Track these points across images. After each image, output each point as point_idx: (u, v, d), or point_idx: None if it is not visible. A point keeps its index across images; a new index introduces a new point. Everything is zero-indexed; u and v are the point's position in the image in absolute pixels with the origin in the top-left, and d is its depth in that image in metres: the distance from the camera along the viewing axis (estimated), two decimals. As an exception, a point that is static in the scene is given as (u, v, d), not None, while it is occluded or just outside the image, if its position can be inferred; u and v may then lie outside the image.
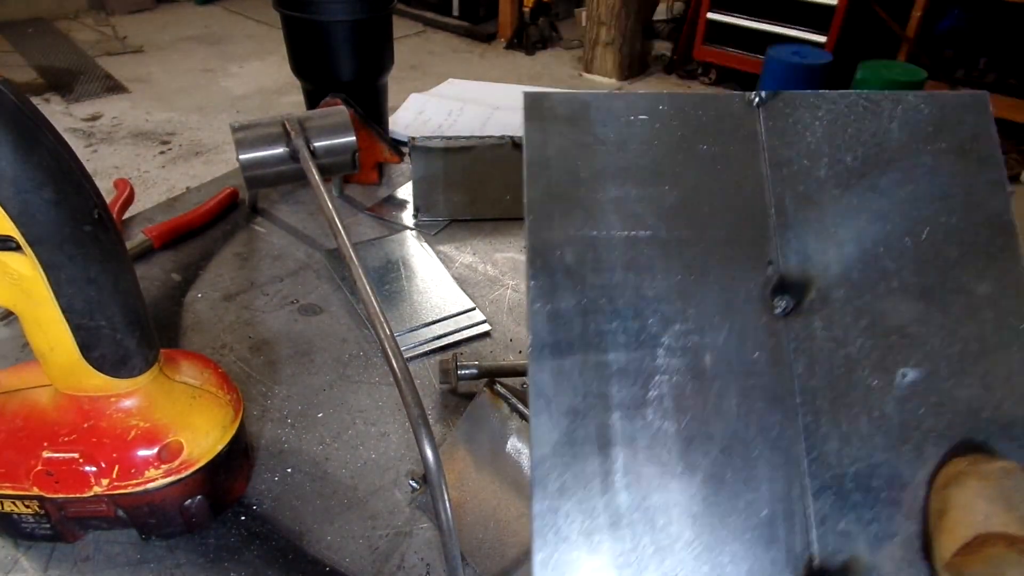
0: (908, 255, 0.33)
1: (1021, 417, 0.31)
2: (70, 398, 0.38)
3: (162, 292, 0.63)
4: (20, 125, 0.31)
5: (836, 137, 0.34)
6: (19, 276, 0.34)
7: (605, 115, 0.35)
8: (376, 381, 0.54)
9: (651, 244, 0.33)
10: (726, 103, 0.35)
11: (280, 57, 1.23)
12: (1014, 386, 0.31)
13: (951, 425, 0.31)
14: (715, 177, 0.34)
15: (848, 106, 0.35)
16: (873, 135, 0.34)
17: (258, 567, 0.40)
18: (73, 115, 2.82)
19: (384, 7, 0.77)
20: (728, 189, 0.34)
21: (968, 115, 0.35)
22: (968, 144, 0.34)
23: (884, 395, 0.31)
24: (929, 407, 0.31)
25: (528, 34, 3.64)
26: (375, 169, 0.80)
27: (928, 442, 0.31)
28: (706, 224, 0.33)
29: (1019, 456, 0.30)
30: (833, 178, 0.34)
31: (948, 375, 0.31)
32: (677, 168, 0.34)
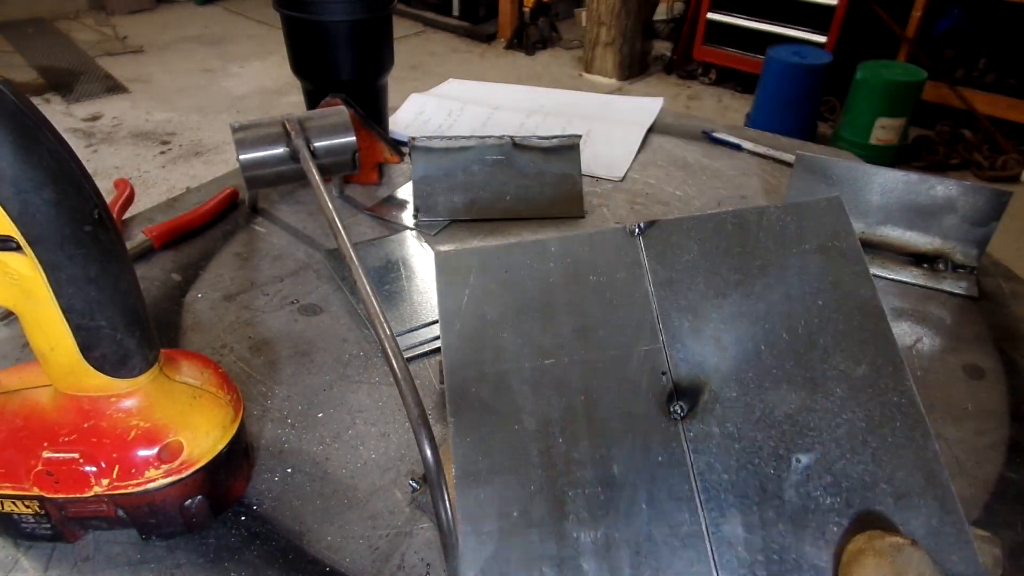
0: (788, 349, 0.36)
1: (915, 486, 0.32)
2: (70, 398, 0.38)
3: (162, 292, 0.63)
4: (20, 125, 0.31)
5: (711, 253, 0.38)
6: (19, 276, 0.34)
7: (507, 263, 0.39)
8: (376, 381, 0.54)
9: (554, 370, 0.36)
10: (610, 237, 0.39)
11: (280, 57, 1.23)
12: (903, 457, 0.33)
13: (848, 502, 0.33)
14: (606, 304, 0.38)
15: (717, 225, 0.39)
16: (743, 247, 0.38)
17: (258, 567, 0.40)
18: (73, 115, 2.82)
19: (384, 7, 0.77)
20: (619, 313, 0.37)
21: (827, 217, 0.38)
22: (830, 242, 0.37)
23: (782, 482, 0.33)
24: (825, 487, 0.33)
25: (528, 34, 3.64)
26: (375, 169, 0.80)
27: (829, 521, 0.33)
28: (603, 346, 0.37)
29: (920, 523, 0.32)
30: (712, 289, 0.37)
31: (839, 455, 0.33)
32: (571, 300, 0.38)
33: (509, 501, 0.34)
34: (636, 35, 3.31)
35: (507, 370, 0.36)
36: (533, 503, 0.34)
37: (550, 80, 3.36)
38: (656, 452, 0.34)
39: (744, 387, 0.35)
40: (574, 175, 0.76)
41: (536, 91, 1.08)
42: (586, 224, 0.75)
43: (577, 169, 0.76)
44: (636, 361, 0.36)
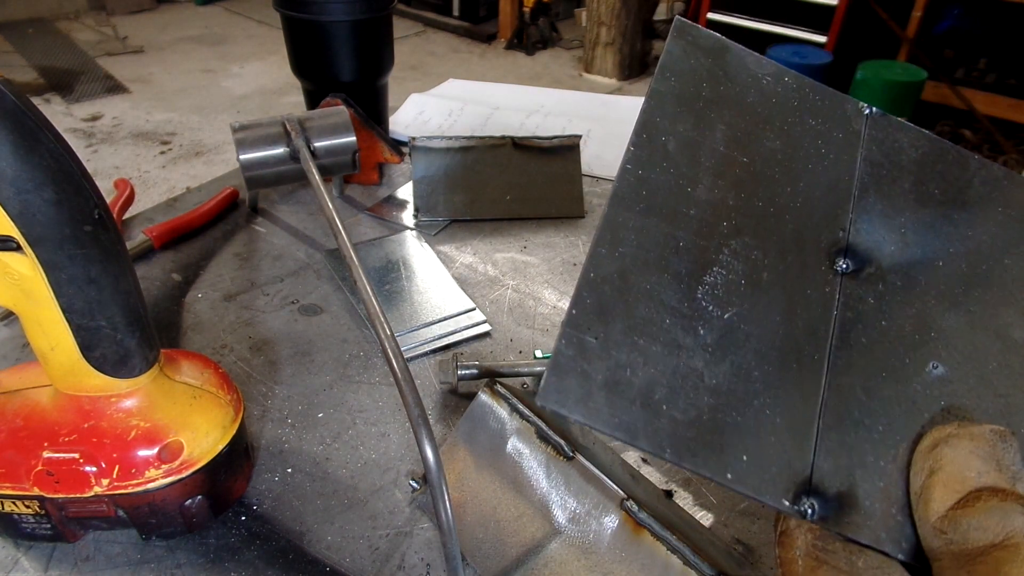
0: (963, 277, 0.36)
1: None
2: (70, 398, 0.38)
3: (162, 292, 0.63)
4: (20, 125, 0.31)
5: (925, 167, 0.38)
6: (19, 276, 0.34)
7: (739, 62, 0.39)
8: (376, 381, 0.54)
9: (743, 168, 0.37)
10: (840, 101, 0.40)
11: (280, 57, 1.23)
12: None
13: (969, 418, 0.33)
14: (815, 147, 0.38)
15: (942, 150, 0.39)
16: (957, 179, 0.38)
17: (258, 567, 0.40)
18: (73, 115, 2.82)
19: (384, 7, 0.77)
20: (823, 160, 0.38)
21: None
22: None
23: (913, 376, 0.33)
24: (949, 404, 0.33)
25: (528, 34, 3.64)
26: (375, 169, 0.80)
27: None
28: (796, 176, 0.37)
29: None
30: (914, 194, 0.38)
31: (974, 385, 0.33)
32: (785, 125, 0.38)
33: (653, 240, 0.34)
34: (636, 35, 3.31)
35: (701, 142, 0.37)
36: (676, 254, 0.34)
37: (550, 80, 3.36)
38: (808, 287, 0.34)
39: (911, 283, 0.35)
40: (574, 175, 0.76)
41: (536, 91, 1.09)
42: (586, 224, 0.75)
43: (577, 169, 0.76)
44: (823, 205, 0.37)
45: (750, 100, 0.39)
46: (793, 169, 0.37)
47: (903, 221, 0.37)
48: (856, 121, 0.39)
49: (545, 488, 0.41)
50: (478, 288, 0.64)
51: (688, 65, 0.39)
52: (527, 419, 0.42)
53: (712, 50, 0.39)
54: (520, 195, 0.74)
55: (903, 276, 0.36)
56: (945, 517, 0.28)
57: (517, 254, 0.70)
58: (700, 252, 0.34)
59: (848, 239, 0.36)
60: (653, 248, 0.34)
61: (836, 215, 0.37)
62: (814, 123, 0.39)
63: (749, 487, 0.30)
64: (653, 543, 0.37)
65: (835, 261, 0.36)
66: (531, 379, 0.53)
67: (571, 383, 0.30)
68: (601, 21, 3.22)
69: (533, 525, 0.40)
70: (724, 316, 0.33)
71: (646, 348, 0.32)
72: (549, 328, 0.60)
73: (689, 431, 0.30)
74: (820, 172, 0.38)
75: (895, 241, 0.37)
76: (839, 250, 0.36)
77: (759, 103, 0.39)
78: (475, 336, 0.59)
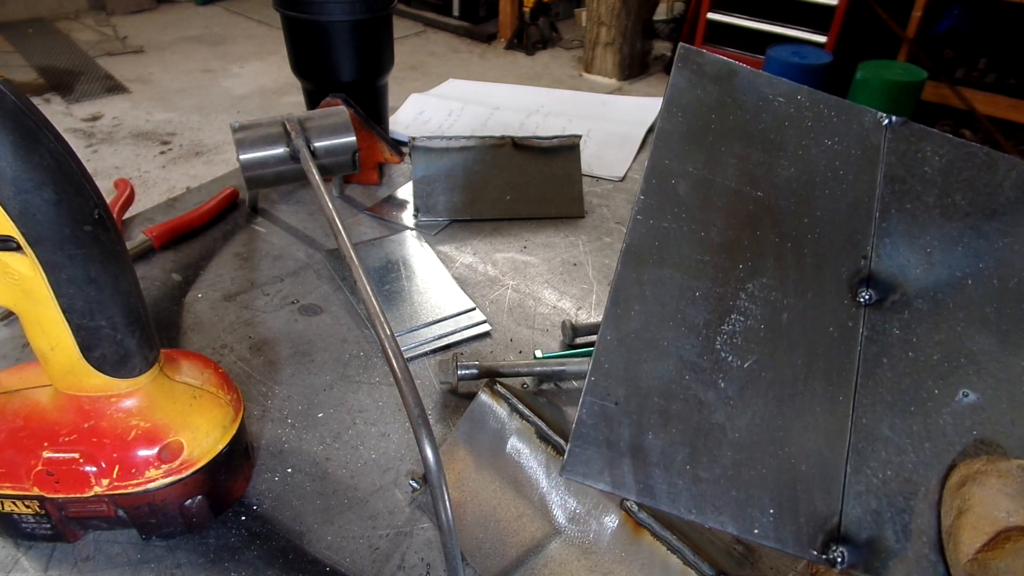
0: (994, 294, 0.34)
1: None
2: (70, 398, 0.38)
3: (162, 292, 0.63)
4: (20, 125, 0.31)
5: (950, 176, 0.37)
6: (19, 276, 0.34)
7: (747, 85, 0.38)
8: (376, 381, 0.54)
9: (757, 204, 0.36)
10: (857, 114, 0.38)
11: (280, 57, 1.23)
12: None
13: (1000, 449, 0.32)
14: (832, 169, 0.37)
15: (968, 154, 0.37)
16: (985, 185, 0.37)
17: (258, 567, 0.40)
18: (73, 115, 2.82)
19: (384, 7, 0.77)
20: (841, 183, 0.36)
21: None
22: None
23: (942, 407, 0.32)
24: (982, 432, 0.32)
25: (528, 34, 3.64)
26: (375, 169, 0.80)
27: None
28: (813, 205, 0.36)
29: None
30: (939, 208, 0.36)
31: (1008, 410, 0.32)
32: (800, 150, 0.37)
33: (669, 294, 0.33)
34: (636, 35, 3.30)
35: (713, 180, 0.35)
36: (692, 306, 0.33)
37: (550, 80, 3.36)
38: (829, 323, 0.33)
39: (938, 307, 0.34)
40: (574, 175, 0.76)
41: (536, 91, 1.08)
42: (586, 224, 0.75)
43: (577, 169, 0.76)
44: (842, 233, 0.35)
45: (762, 127, 0.37)
46: (809, 197, 0.36)
47: (928, 239, 0.35)
48: (875, 134, 0.38)
49: (545, 488, 0.41)
50: (478, 288, 0.64)
51: (695, 96, 0.37)
52: (527, 419, 0.42)
53: (719, 76, 0.38)
54: (520, 195, 0.74)
55: (930, 300, 0.34)
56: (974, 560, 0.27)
57: (517, 254, 0.70)
58: (717, 300, 0.33)
59: (870, 267, 0.35)
60: (669, 302, 0.33)
61: (857, 241, 0.35)
62: (830, 143, 0.37)
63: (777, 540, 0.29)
64: (653, 543, 0.37)
65: (857, 292, 0.34)
66: (531, 379, 0.53)
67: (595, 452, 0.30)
68: (601, 21, 3.22)
69: (533, 525, 0.40)
70: (744, 365, 0.32)
71: (667, 408, 0.31)
72: (549, 328, 0.60)
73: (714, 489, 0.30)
74: (839, 196, 0.36)
75: (920, 262, 0.35)
76: (861, 280, 0.35)
77: (771, 128, 0.37)
78: (475, 336, 0.59)
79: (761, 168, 0.36)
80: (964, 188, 0.37)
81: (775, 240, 0.35)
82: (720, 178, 0.36)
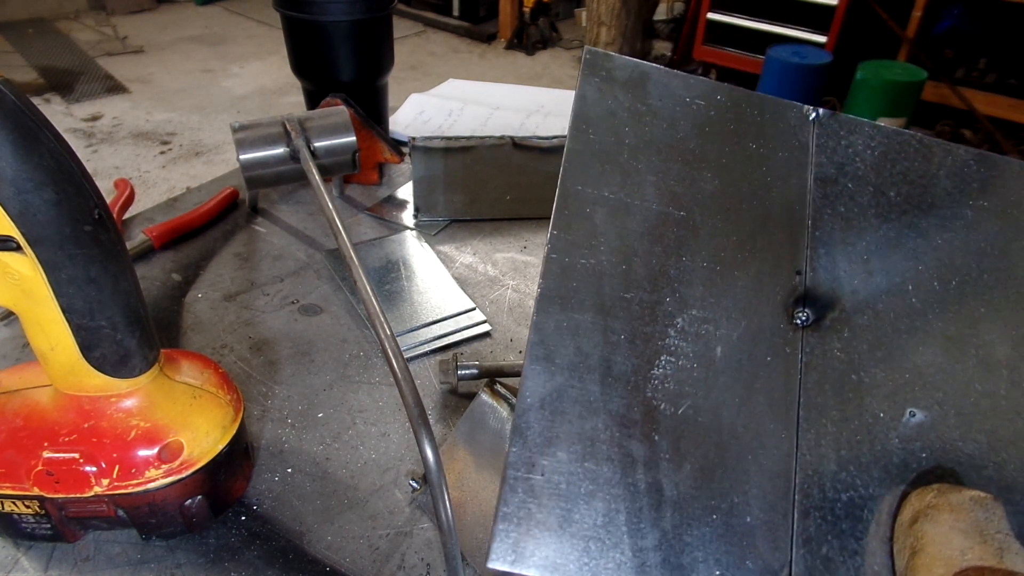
0: (936, 299, 0.32)
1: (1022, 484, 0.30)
2: (70, 398, 0.38)
3: (162, 292, 0.63)
4: (20, 125, 0.31)
5: (884, 170, 0.34)
6: (19, 276, 0.34)
7: (662, 90, 0.35)
8: (376, 381, 0.54)
9: (682, 225, 0.33)
10: (783, 110, 0.35)
11: (280, 57, 1.23)
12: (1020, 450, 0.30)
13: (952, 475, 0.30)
14: (759, 177, 0.34)
15: (901, 144, 0.35)
16: (920, 177, 0.34)
17: (258, 567, 0.40)
18: (73, 115, 2.82)
19: (384, 7, 0.77)
20: (769, 191, 0.34)
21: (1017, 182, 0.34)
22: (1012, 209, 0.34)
23: (890, 431, 0.30)
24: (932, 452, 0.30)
25: (528, 34, 3.64)
26: (375, 169, 0.80)
27: None
28: (742, 220, 0.33)
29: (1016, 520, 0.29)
30: (874, 207, 0.34)
31: (956, 425, 0.31)
32: (723, 159, 0.34)
33: (591, 341, 0.30)
34: (636, 35, 3.30)
35: (631, 204, 0.33)
36: (618, 352, 0.30)
37: (550, 80, 3.36)
38: (766, 351, 0.31)
39: (879, 320, 0.32)
40: (574, 175, 0.76)
41: (536, 91, 1.08)
42: (586, 224, 0.75)
43: (577, 169, 0.76)
44: (772, 248, 0.33)
45: (680, 136, 0.34)
46: (737, 212, 0.33)
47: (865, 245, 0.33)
48: (802, 132, 0.35)
49: (545, 488, 0.41)
50: (478, 288, 0.64)
51: (606, 108, 0.34)
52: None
53: (631, 82, 0.35)
54: (520, 195, 0.74)
55: (870, 314, 0.32)
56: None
57: (517, 254, 0.70)
58: (645, 342, 0.31)
59: (805, 283, 0.32)
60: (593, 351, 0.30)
61: (790, 257, 0.33)
62: (755, 147, 0.34)
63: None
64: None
65: (794, 313, 0.32)
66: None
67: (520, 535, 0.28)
68: (601, 21, 3.22)
69: (533, 525, 0.40)
70: (679, 412, 0.30)
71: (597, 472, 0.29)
72: (549, 328, 0.60)
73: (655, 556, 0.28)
74: (768, 207, 0.33)
75: (858, 272, 0.33)
76: (797, 299, 0.32)
77: (691, 137, 0.34)
78: (475, 336, 0.59)
79: (682, 184, 0.33)
80: (899, 182, 0.34)
81: (703, 265, 0.32)
82: (639, 200, 0.33)
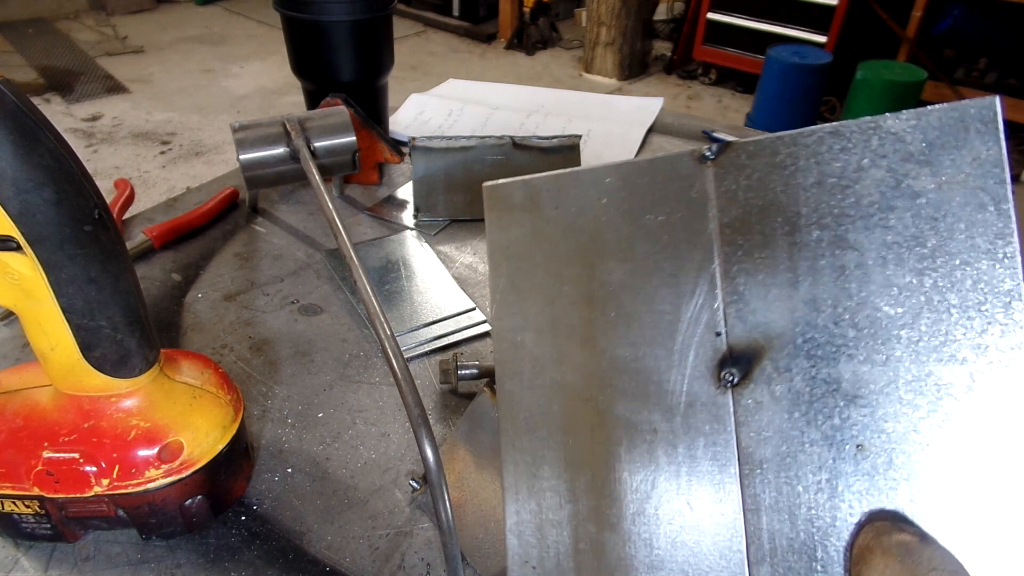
0: (876, 319, 0.28)
1: None
2: (70, 398, 0.38)
3: (162, 292, 0.63)
4: (20, 125, 0.31)
5: (797, 187, 0.30)
6: (19, 276, 0.34)
7: (557, 197, 0.34)
8: (376, 381, 0.54)
9: (601, 323, 0.33)
10: (674, 164, 0.32)
11: (281, 57, 1.24)
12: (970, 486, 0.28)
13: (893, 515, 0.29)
14: (661, 249, 0.32)
15: (812, 146, 0.29)
16: (842, 177, 0.29)
17: (258, 567, 0.40)
18: (73, 115, 2.82)
19: (384, 7, 0.77)
20: (675, 260, 0.32)
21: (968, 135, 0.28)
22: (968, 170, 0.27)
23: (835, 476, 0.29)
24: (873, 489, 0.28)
25: (528, 34, 3.64)
26: (375, 169, 0.80)
27: None
28: (654, 299, 0.32)
29: None
30: (790, 235, 0.30)
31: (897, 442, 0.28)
32: (623, 243, 0.33)
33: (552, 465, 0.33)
34: (636, 35, 3.31)
35: (554, 319, 0.33)
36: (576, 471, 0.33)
37: (550, 80, 3.36)
38: (702, 419, 0.31)
39: (810, 358, 0.29)
40: (574, 175, 0.76)
41: (536, 91, 1.08)
42: (586, 224, 0.75)
43: (577, 169, 0.76)
44: (689, 317, 0.31)
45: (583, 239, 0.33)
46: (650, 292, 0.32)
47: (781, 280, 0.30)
48: (699, 179, 0.32)
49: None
50: (478, 288, 0.64)
51: (512, 236, 0.34)
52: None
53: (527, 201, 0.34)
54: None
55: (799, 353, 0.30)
56: None
57: (517, 254, 0.69)
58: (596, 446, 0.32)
59: (727, 342, 0.31)
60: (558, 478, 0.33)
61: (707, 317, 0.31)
62: (651, 217, 0.32)
63: None
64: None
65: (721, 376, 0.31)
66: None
67: None
68: (601, 21, 3.22)
69: (533, 525, 0.40)
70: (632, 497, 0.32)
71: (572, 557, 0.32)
72: (549, 328, 0.60)
73: None
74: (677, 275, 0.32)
75: (779, 310, 0.30)
76: (722, 361, 0.31)
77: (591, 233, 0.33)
78: (475, 336, 0.59)
79: (591, 283, 0.33)
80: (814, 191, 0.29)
81: (626, 355, 0.32)
82: (560, 311, 0.33)
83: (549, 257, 0.34)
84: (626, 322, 0.32)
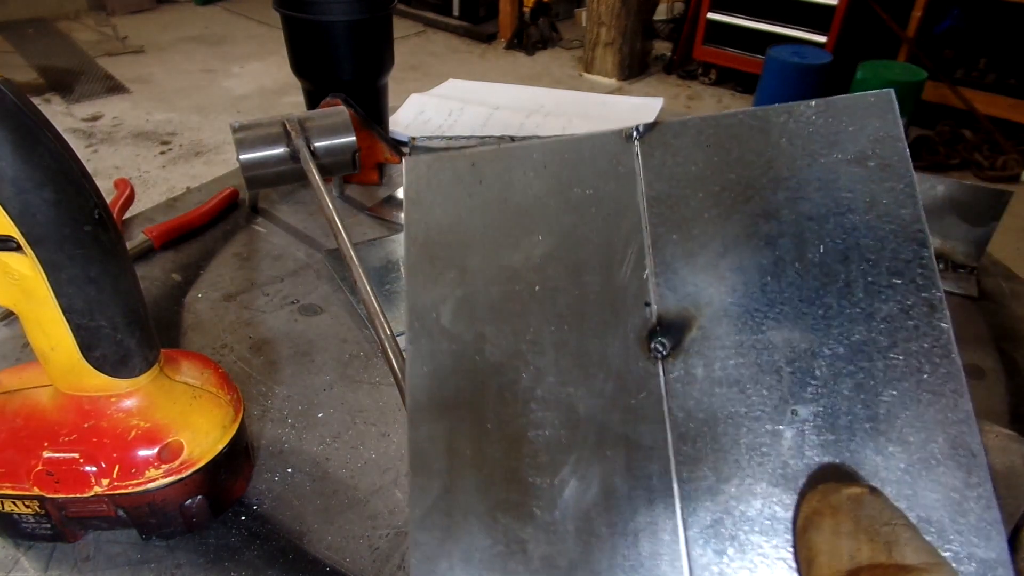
0: (799, 281, 0.30)
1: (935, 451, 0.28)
2: (70, 398, 0.38)
3: (162, 292, 0.63)
4: (20, 125, 0.31)
5: (720, 162, 0.32)
6: (19, 276, 0.34)
7: (482, 171, 0.34)
8: (376, 381, 0.54)
9: (525, 297, 0.32)
10: (602, 142, 0.33)
11: (281, 57, 1.24)
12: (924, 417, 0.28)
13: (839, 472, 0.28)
14: (588, 221, 0.32)
15: (732, 127, 0.32)
16: (760, 155, 0.31)
17: (258, 567, 0.40)
18: (73, 115, 2.82)
19: (384, 7, 0.77)
20: (602, 233, 0.32)
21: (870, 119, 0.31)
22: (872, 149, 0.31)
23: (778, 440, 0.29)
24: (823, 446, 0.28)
25: (528, 34, 3.64)
26: (375, 169, 0.80)
27: None
28: (580, 271, 0.32)
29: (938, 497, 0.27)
30: (716, 207, 0.31)
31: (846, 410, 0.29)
32: (550, 217, 0.33)
33: (462, 438, 0.31)
34: (636, 35, 3.31)
35: (472, 293, 0.32)
36: (488, 442, 0.31)
37: (550, 80, 3.36)
38: (630, 394, 0.30)
39: (741, 325, 0.30)
40: (574, 175, 0.76)
41: (536, 91, 1.09)
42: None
43: (577, 169, 0.76)
44: (616, 289, 0.31)
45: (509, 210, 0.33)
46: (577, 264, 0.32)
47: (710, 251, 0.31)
48: (626, 156, 0.33)
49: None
50: (478, 288, 0.64)
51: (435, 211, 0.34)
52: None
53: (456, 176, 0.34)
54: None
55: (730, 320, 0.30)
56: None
57: (517, 254, 0.69)
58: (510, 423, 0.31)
59: (656, 312, 0.31)
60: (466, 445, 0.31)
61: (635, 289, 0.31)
62: (579, 191, 0.33)
63: None
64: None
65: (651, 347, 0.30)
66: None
67: None
68: (601, 21, 3.22)
69: (533, 525, 0.40)
70: (555, 481, 0.30)
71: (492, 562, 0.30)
72: (549, 328, 0.60)
73: None
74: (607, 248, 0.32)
75: (709, 281, 0.31)
76: (651, 331, 0.31)
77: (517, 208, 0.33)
78: (475, 336, 0.58)
79: (514, 256, 0.32)
80: (737, 167, 0.31)
81: (552, 329, 0.31)
82: (479, 286, 0.32)
83: (471, 230, 0.33)
84: (551, 296, 0.32)
